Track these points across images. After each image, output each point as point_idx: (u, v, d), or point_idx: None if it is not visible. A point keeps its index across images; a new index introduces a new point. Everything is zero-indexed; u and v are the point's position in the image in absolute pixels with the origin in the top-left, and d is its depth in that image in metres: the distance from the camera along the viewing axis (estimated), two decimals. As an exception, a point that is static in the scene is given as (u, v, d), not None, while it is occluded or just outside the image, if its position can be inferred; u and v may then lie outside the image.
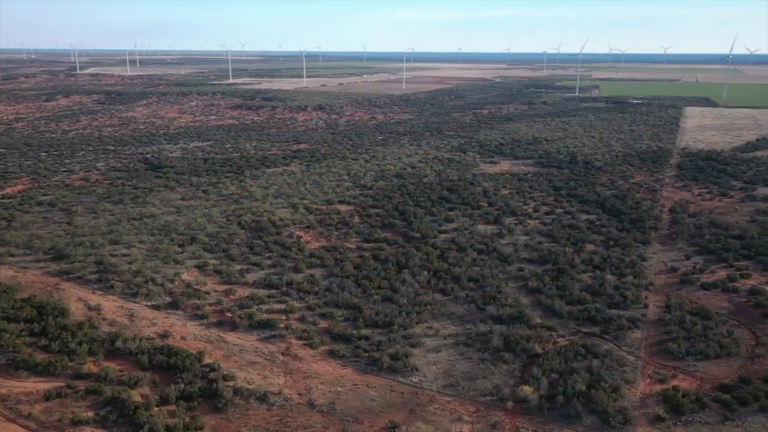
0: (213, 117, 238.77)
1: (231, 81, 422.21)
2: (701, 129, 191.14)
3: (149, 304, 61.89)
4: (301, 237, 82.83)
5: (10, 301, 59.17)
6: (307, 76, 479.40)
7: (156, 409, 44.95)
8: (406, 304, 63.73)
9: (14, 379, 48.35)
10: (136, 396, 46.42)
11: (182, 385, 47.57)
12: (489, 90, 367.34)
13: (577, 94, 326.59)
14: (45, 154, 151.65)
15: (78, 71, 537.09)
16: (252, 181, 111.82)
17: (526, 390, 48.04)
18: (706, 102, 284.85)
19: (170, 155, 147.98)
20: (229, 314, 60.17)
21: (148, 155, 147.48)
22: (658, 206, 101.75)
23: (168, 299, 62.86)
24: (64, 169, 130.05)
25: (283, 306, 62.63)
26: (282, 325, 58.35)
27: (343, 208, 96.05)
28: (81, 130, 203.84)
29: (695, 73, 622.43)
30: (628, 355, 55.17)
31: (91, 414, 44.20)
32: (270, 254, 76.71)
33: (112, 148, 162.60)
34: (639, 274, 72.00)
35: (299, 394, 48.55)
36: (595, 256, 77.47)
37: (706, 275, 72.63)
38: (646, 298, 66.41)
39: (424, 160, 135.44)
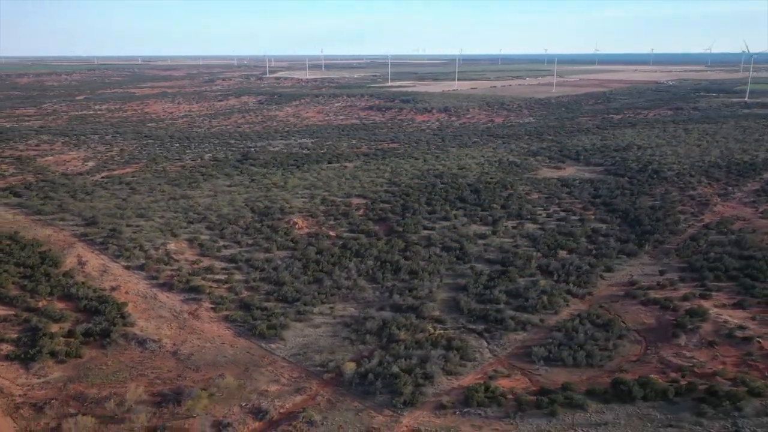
0: (341, 117, 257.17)
1: (388, 84, 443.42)
2: None
3: (125, 264, 75.65)
4: (296, 223, 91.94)
5: (29, 252, 76.66)
6: (470, 79, 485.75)
7: (60, 339, 57.40)
8: (329, 285, 69.88)
9: (-14, 306, 64.32)
10: (54, 328, 59.39)
11: (90, 325, 59.63)
12: (647, 94, 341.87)
13: (746, 99, 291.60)
14: (177, 145, 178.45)
15: (267, 75, 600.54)
16: (300, 173, 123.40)
17: (349, 366, 52.26)
18: None
19: (272, 149, 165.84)
20: (175, 278, 71.47)
21: (251, 149, 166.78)
22: (693, 221, 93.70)
23: (141, 262, 76.11)
24: (176, 158, 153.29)
25: (224, 277, 72.48)
26: (207, 292, 68.14)
27: (356, 201, 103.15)
28: (224, 126, 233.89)
29: None
30: (490, 353, 56.04)
31: (15, 335, 58.04)
32: (258, 235, 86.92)
33: (233, 141, 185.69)
34: (584, 283, 69.78)
35: (174, 344, 57.95)
36: (554, 262, 75.92)
37: (664, 291, 68.12)
38: (567, 305, 64.95)
39: (484, 162, 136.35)
